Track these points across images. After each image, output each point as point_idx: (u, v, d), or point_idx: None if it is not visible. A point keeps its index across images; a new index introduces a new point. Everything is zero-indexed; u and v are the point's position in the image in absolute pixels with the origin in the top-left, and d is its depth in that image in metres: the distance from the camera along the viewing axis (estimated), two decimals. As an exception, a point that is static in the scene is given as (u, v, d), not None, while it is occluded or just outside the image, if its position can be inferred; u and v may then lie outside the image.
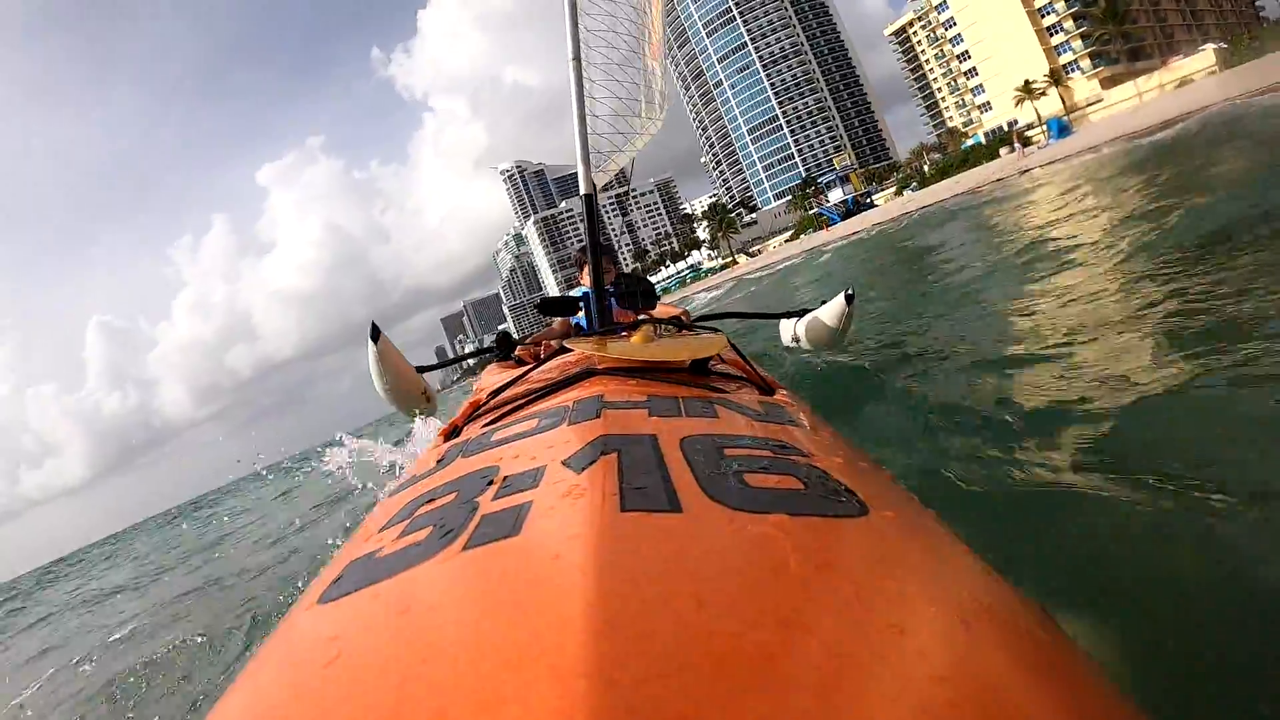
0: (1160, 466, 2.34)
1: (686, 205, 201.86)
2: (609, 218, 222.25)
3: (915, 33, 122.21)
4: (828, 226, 79.07)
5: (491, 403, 1.74)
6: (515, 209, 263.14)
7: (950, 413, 3.59)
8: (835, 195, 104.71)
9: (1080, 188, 15.03)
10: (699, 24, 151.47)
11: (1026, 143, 69.46)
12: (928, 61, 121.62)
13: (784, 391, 1.72)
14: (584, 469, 0.91)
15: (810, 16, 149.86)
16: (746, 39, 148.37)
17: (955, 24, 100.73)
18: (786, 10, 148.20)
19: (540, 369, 2.09)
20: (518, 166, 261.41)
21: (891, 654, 0.54)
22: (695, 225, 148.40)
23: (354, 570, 0.82)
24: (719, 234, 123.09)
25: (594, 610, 0.55)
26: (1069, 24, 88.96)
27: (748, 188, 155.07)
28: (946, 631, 0.60)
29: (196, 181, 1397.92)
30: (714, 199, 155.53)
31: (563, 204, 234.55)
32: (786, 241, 74.89)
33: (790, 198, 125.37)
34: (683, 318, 3.46)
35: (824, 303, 4.33)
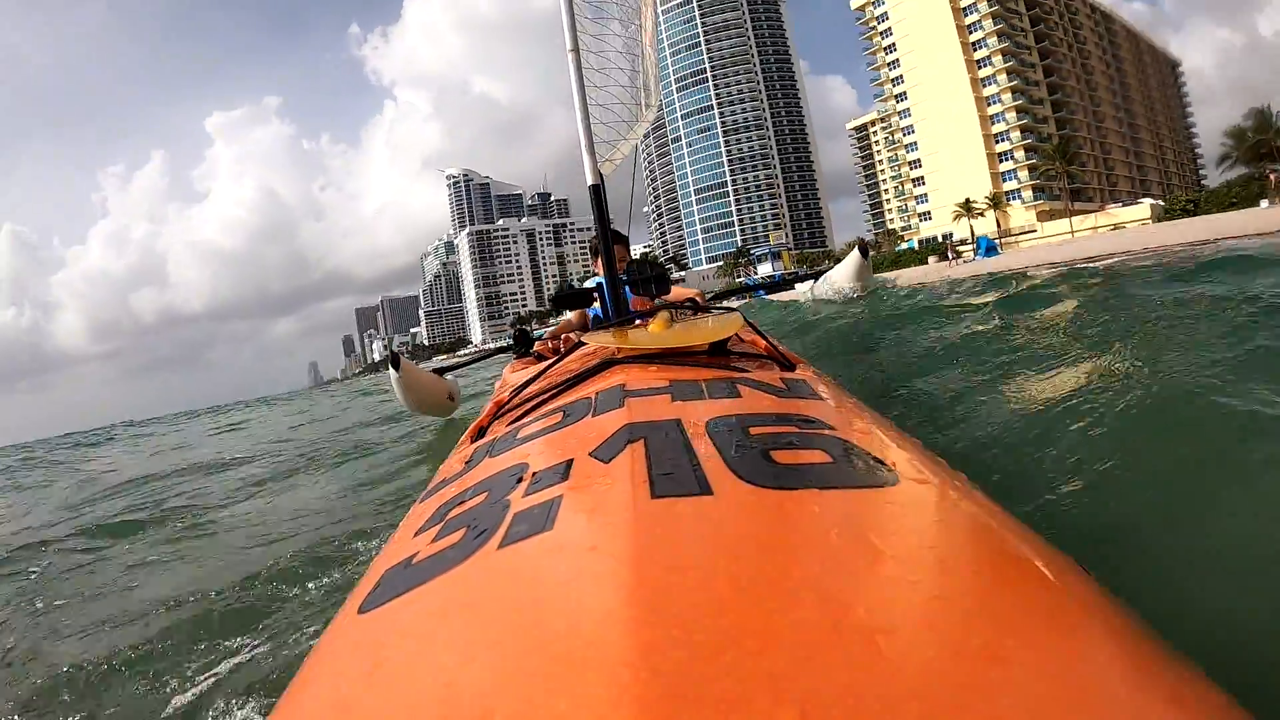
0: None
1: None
2: (542, 244, 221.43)
3: (875, 132, 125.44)
4: (750, 298, 78.86)
5: (515, 400, 1.77)
6: (453, 216, 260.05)
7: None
8: (765, 269, 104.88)
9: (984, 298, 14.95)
10: (672, 78, 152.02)
11: (957, 255, 70.37)
12: (880, 162, 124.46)
13: (805, 366, 1.73)
14: (612, 459, 0.91)
15: (780, 95, 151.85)
16: (714, 102, 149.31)
17: (913, 132, 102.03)
18: (758, 84, 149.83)
19: (561, 363, 2.11)
20: (464, 175, 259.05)
21: (936, 621, 0.53)
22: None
23: (391, 578, 0.82)
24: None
25: (634, 599, 0.55)
26: (1019, 155, 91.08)
27: (683, 245, 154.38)
28: (989, 595, 0.59)
29: (143, 111, 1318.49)
30: (648, 250, 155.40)
31: (500, 221, 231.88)
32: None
33: (721, 264, 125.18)
34: (698, 299, 3.44)
35: (839, 260, 5.65)
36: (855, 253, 6.08)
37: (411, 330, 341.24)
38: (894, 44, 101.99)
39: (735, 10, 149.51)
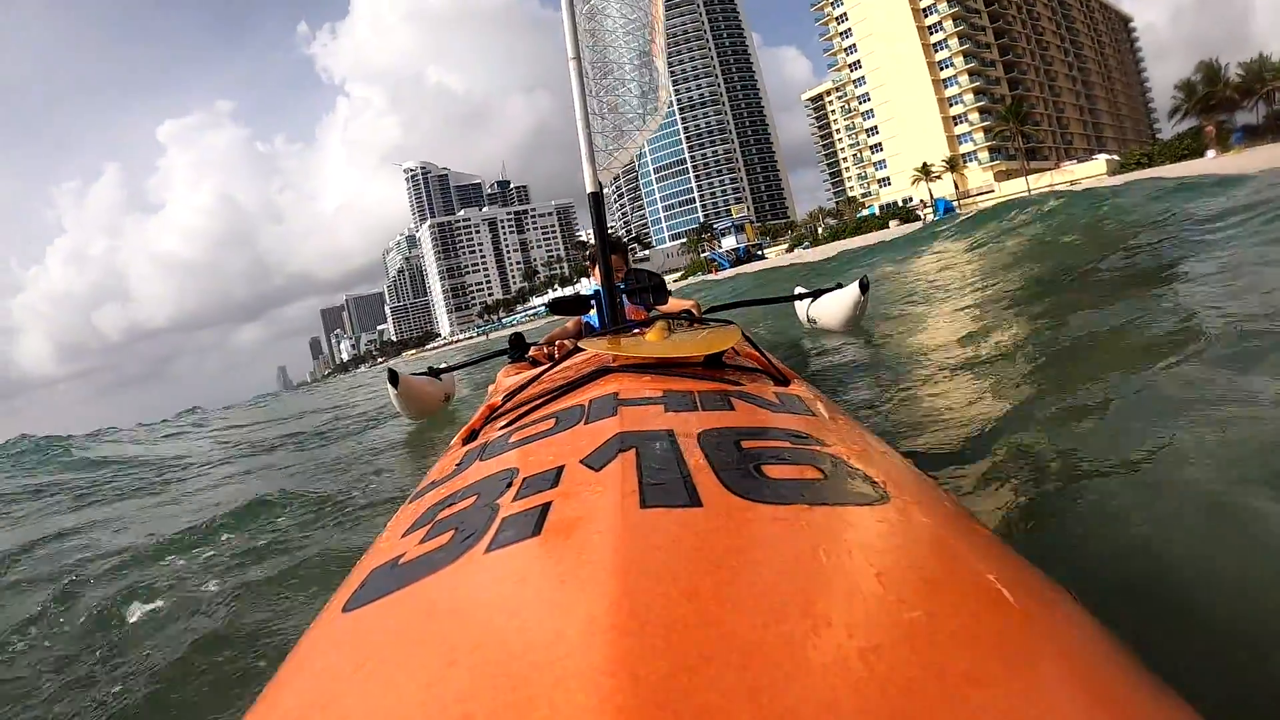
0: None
1: (582, 232, 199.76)
2: (505, 233, 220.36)
3: (831, 101, 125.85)
4: (716, 271, 78.97)
5: (508, 405, 1.76)
6: (413, 210, 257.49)
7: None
8: (729, 242, 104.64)
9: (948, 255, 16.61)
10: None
11: (919, 219, 70.99)
12: (838, 131, 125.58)
13: (799, 381, 1.74)
14: (603, 467, 0.91)
15: (734, 70, 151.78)
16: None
17: (869, 100, 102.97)
18: (712, 60, 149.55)
19: (555, 369, 2.11)
20: (422, 167, 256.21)
21: (918, 640, 0.53)
22: (588, 253, 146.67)
23: (376, 577, 0.82)
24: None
25: (618, 608, 0.55)
26: (974, 117, 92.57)
27: (646, 225, 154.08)
28: (973, 616, 0.60)
29: (94, 124, 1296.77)
30: (611, 230, 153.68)
31: (461, 212, 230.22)
32: (676, 281, 75.57)
33: (685, 240, 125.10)
34: (694, 310, 3.45)
35: (839, 285, 5.53)
36: (855, 287, 5.89)
37: (378, 328, 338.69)
38: (845, 13, 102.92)
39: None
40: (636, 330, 2.34)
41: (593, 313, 3.22)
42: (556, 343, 3.95)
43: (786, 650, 0.50)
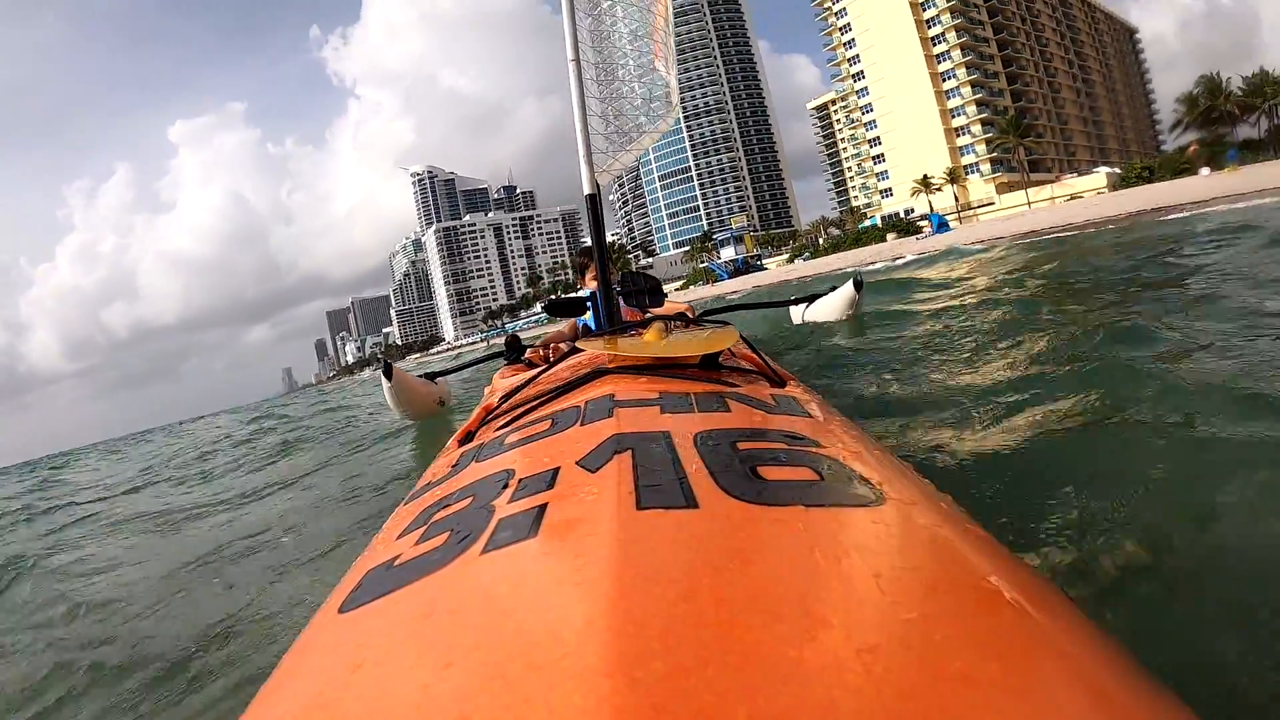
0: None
1: (587, 239, 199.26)
2: (510, 238, 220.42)
3: (835, 111, 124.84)
4: (714, 282, 78.83)
5: (504, 406, 1.77)
6: (419, 214, 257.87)
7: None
8: (728, 253, 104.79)
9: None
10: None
11: (918, 231, 70.79)
12: (842, 140, 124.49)
13: (795, 383, 1.74)
14: (599, 469, 0.91)
15: (739, 78, 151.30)
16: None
17: (873, 110, 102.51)
18: (718, 68, 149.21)
19: (551, 370, 2.10)
20: (429, 171, 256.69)
21: (913, 641, 0.53)
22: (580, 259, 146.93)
23: (372, 579, 0.82)
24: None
25: (615, 609, 0.55)
26: (976, 129, 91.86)
27: (650, 232, 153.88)
28: (968, 617, 0.59)
29: (106, 123, 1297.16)
30: (615, 238, 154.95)
31: (466, 217, 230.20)
32: (677, 290, 75.80)
33: (688, 249, 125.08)
34: (688, 313, 3.38)
35: (833, 288, 5.61)
36: (849, 285, 6.10)
37: (384, 330, 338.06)
38: (849, 23, 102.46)
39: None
40: (633, 331, 2.37)
41: (588, 315, 3.27)
42: (552, 345, 3.96)
43: (783, 651, 0.50)
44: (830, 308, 6.44)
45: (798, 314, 7.06)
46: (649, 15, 3.98)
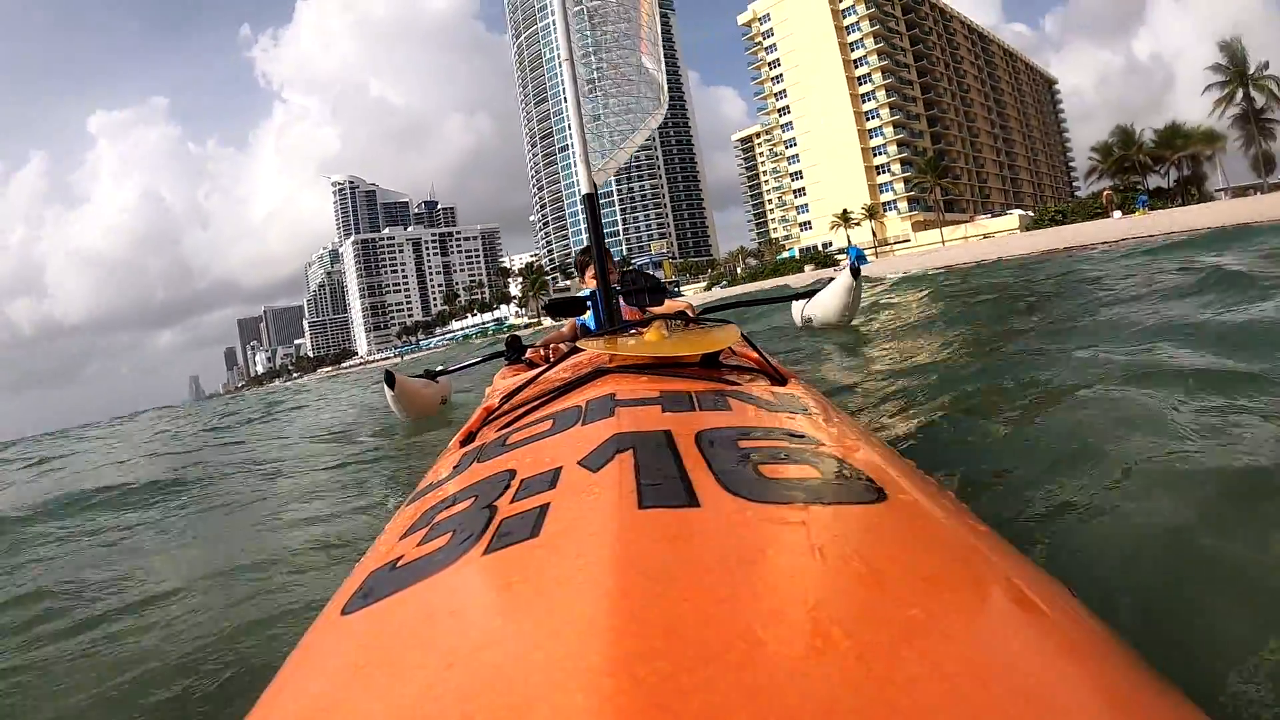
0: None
1: (506, 259, 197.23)
2: (428, 254, 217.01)
3: (760, 144, 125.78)
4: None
5: (505, 406, 1.78)
6: (338, 224, 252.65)
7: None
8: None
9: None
10: (561, 90, 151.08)
11: (835, 264, 71.02)
12: (765, 173, 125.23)
13: (797, 381, 1.75)
14: (600, 468, 0.91)
15: (669, 106, 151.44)
16: (602, 112, 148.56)
17: (796, 144, 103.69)
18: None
19: (552, 370, 2.10)
20: (350, 182, 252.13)
21: (918, 639, 0.53)
22: (510, 280, 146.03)
23: (375, 580, 0.82)
24: (530, 293, 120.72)
25: (618, 609, 0.55)
26: (896, 167, 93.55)
27: (569, 253, 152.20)
28: (973, 615, 0.60)
29: (21, 108, 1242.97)
30: (534, 258, 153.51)
31: (386, 230, 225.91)
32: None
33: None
34: (688, 311, 3.37)
35: (831, 279, 5.85)
36: (846, 273, 6.00)
37: (295, 342, 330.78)
38: (779, 59, 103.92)
39: (625, 21, 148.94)
40: (634, 331, 2.36)
41: (588, 314, 3.31)
42: (552, 345, 3.97)
43: (785, 650, 0.50)
44: (830, 301, 6.33)
45: (798, 315, 7.14)
46: (634, 11, 4.07)
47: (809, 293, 6.69)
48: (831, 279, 6.27)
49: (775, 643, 0.51)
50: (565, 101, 3.27)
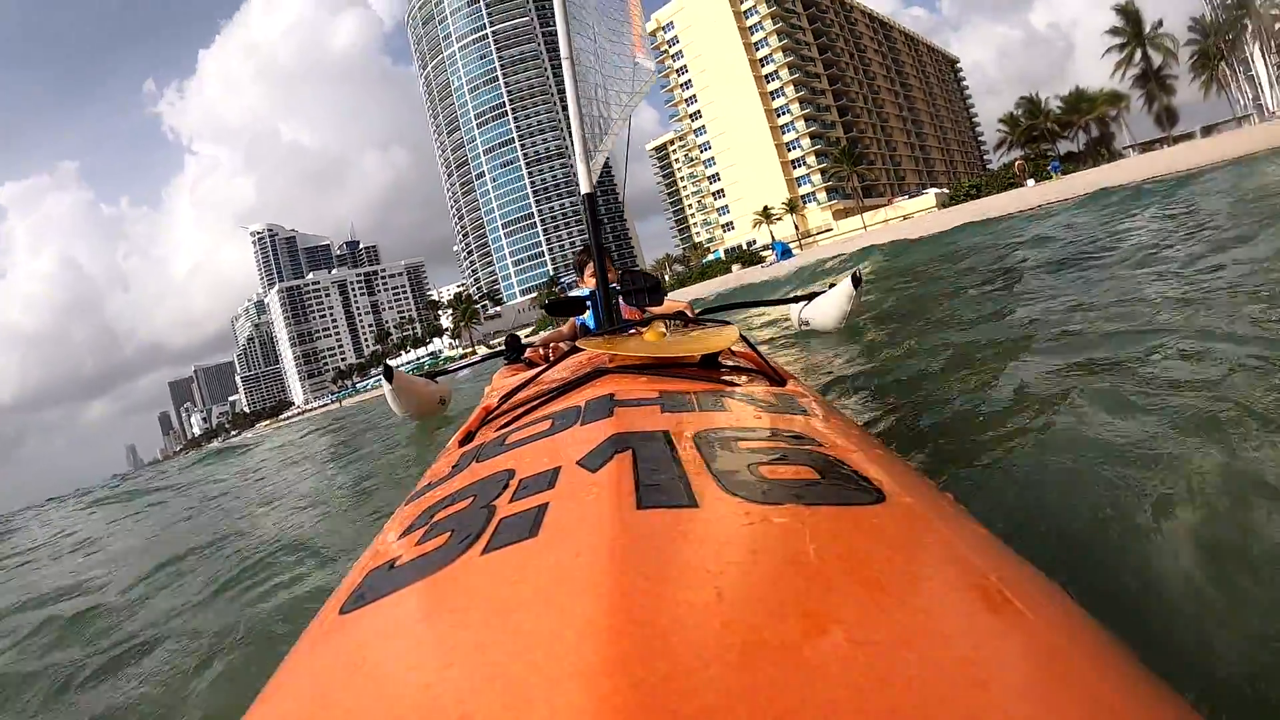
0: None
1: (434, 292, 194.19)
2: (355, 294, 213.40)
3: (674, 151, 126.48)
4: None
5: (503, 406, 1.78)
6: (261, 274, 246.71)
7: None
8: (576, 295, 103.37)
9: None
10: (472, 114, 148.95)
11: (761, 261, 70.88)
12: (682, 179, 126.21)
13: (795, 382, 1.75)
14: (599, 468, 0.91)
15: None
16: (515, 135, 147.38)
17: (711, 147, 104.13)
18: (556, 114, 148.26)
19: (551, 370, 2.12)
20: (269, 230, 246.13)
21: (916, 640, 0.53)
22: (440, 313, 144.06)
23: (374, 579, 0.82)
24: (462, 324, 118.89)
25: (616, 609, 0.55)
26: (811, 160, 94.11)
27: (495, 280, 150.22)
28: (969, 616, 0.60)
29: None
30: (461, 288, 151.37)
31: (310, 275, 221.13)
32: (528, 336, 73.29)
33: (535, 294, 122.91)
34: (687, 311, 3.40)
35: (832, 285, 5.81)
36: (847, 282, 5.82)
37: (230, 399, 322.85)
38: (686, 65, 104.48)
39: (530, 42, 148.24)
40: (633, 331, 2.40)
41: (588, 314, 3.35)
42: (551, 345, 3.96)
43: (783, 651, 0.50)
44: (829, 306, 6.22)
45: (796, 317, 7.04)
46: (623, 6, 4.23)
47: (808, 296, 6.65)
48: (832, 284, 6.14)
49: (773, 643, 0.51)
50: (566, 101, 3.23)
